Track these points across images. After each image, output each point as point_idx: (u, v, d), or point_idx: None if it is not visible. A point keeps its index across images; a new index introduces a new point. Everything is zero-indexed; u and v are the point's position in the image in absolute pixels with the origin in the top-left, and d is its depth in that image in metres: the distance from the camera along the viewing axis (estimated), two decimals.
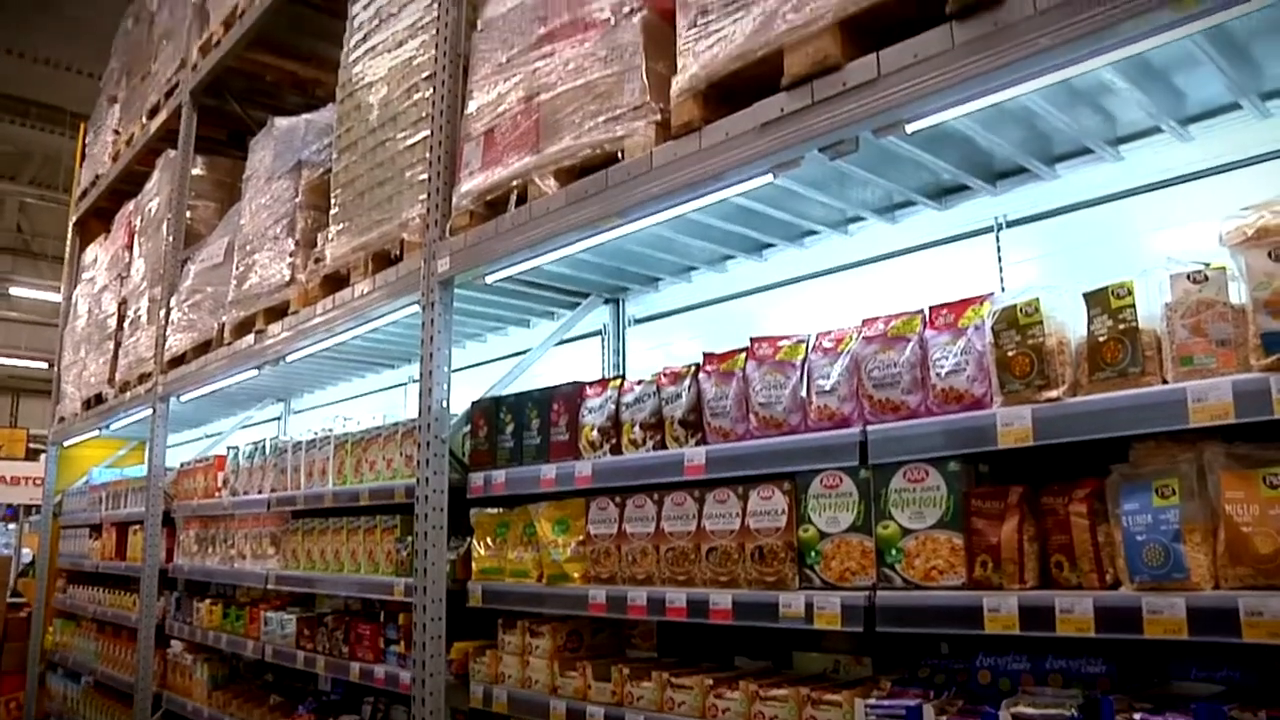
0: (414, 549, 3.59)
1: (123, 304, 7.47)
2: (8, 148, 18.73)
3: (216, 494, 5.71)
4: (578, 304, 4.41)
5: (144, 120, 7.49)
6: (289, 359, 4.95)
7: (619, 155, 2.95)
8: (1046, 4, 2.02)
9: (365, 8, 4.54)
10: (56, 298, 12.34)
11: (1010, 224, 3.13)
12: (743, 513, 2.70)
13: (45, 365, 21.67)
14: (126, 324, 7.26)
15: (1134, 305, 2.10)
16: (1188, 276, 2.04)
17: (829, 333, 2.67)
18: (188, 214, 6.67)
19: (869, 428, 2.42)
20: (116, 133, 8.36)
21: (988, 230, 3.18)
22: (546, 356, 4.28)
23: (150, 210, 7.18)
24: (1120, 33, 1.95)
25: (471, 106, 3.63)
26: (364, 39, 4.50)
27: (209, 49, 6.32)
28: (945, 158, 2.81)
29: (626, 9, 3.05)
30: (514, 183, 3.33)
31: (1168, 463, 2.04)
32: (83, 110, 11.78)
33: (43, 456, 11.13)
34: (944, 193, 3.17)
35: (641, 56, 2.93)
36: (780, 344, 2.76)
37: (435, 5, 3.99)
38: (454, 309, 3.76)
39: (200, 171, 6.92)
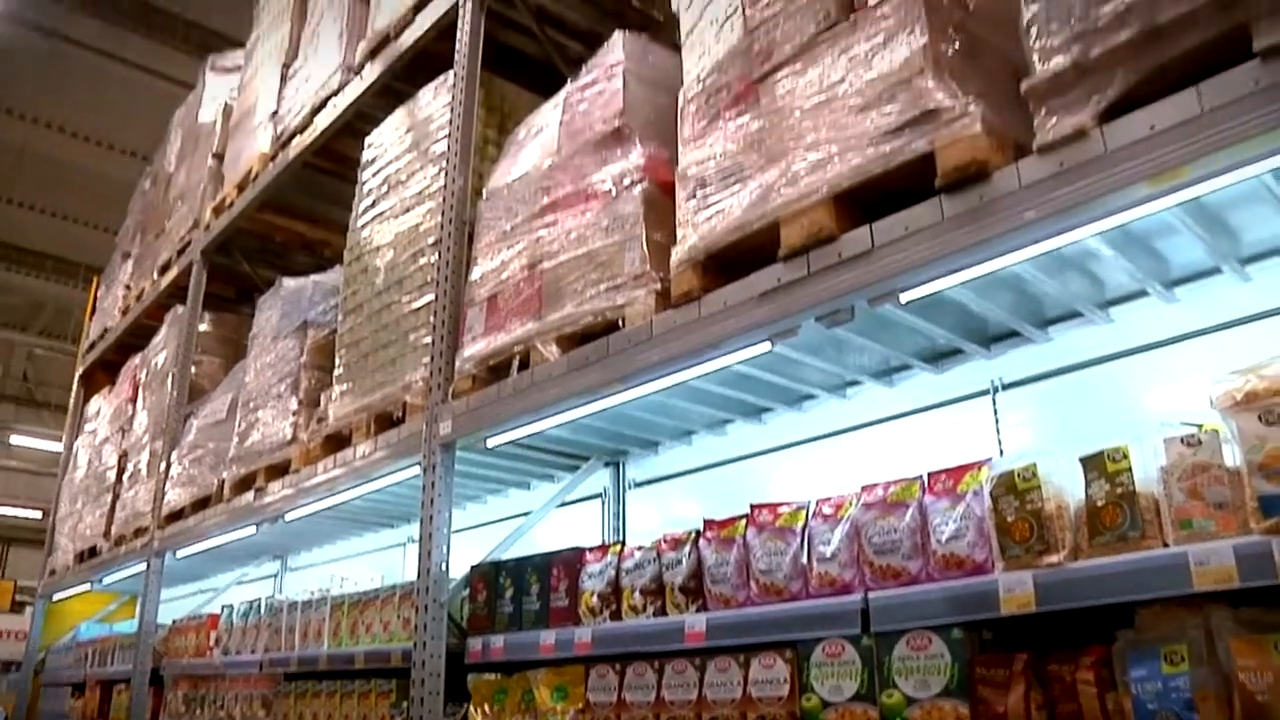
0: (409, 715, 3.49)
1: (123, 457, 7.46)
2: (20, 299, 19.10)
3: (208, 653, 5.57)
4: (578, 467, 4.40)
5: (155, 276, 7.67)
6: (288, 517, 4.92)
7: (620, 323, 3.01)
8: (1030, 179, 2.10)
9: (374, 175, 4.71)
10: (56, 447, 12.31)
11: (1006, 386, 3.17)
12: (744, 681, 2.65)
13: (39, 515, 21.43)
14: (126, 477, 7.24)
15: (1130, 469, 2.12)
16: (1181, 440, 2.06)
17: (829, 499, 2.67)
18: (192, 369, 6.75)
19: (870, 594, 2.40)
20: (128, 287, 8.53)
21: (984, 393, 3.20)
22: (547, 519, 4.25)
23: (156, 364, 7.27)
24: (1101, 206, 2.02)
25: (475, 273, 3.72)
26: (372, 204, 4.66)
27: (222, 210, 6.53)
28: (939, 323, 2.86)
29: (627, 181, 3.16)
30: (516, 348, 3.39)
31: (1175, 628, 2.01)
32: (96, 263, 12.07)
33: (28, 609, 10.88)
34: (939, 356, 3.22)
35: (642, 227, 3.02)
36: (780, 510, 2.76)
37: (442, 174, 4.13)
38: (454, 471, 3.76)
39: (207, 328, 7.05)
